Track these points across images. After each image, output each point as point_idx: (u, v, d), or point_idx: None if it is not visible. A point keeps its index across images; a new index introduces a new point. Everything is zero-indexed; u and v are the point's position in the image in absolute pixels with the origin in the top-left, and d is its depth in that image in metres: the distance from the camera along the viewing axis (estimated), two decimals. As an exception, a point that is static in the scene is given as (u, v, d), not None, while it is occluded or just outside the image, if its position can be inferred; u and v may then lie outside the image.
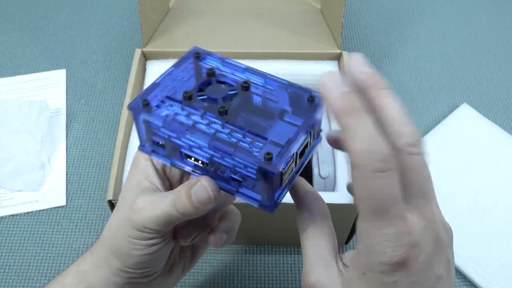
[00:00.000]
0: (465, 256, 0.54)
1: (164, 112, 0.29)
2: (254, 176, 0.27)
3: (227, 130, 0.28)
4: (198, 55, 0.32)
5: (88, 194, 0.61)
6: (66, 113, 0.69)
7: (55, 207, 0.60)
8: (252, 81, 0.31)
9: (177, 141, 0.29)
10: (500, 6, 0.84)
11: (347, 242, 0.55)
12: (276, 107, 0.30)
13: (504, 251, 0.55)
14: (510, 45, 0.78)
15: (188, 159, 0.29)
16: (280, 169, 0.26)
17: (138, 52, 0.59)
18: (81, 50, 0.77)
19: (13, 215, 0.59)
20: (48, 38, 0.79)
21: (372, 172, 0.22)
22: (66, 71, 0.74)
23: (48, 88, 0.72)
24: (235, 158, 0.27)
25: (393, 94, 0.24)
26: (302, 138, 0.28)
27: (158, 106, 0.29)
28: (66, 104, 0.70)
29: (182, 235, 0.34)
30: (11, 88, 0.72)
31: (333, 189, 0.51)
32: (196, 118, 0.29)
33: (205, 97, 0.30)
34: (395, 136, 0.24)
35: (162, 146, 0.30)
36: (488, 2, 0.84)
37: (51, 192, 0.61)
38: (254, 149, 0.27)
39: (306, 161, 0.31)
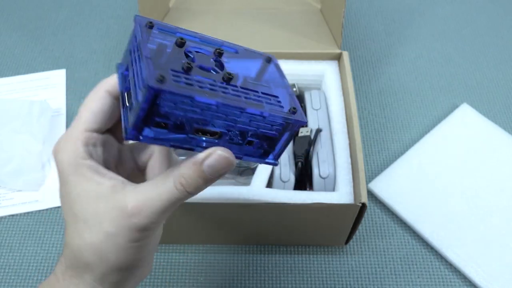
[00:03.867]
0: (465, 256, 0.54)
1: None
2: (276, 133, 0.29)
3: (245, 93, 0.28)
4: (151, 25, 0.30)
5: (88, 194, 0.61)
6: (66, 113, 0.69)
7: (55, 207, 0.60)
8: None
9: (202, 112, 0.27)
10: (500, 6, 0.84)
11: (347, 242, 0.55)
12: (250, 69, 0.32)
13: (504, 251, 0.55)
14: (510, 45, 0.78)
15: (198, 134, 0.28)
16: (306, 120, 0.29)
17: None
18: (81, 50, 0.77)
19: (13, 215, 0.59)
20: (48, 38, 0.79)
21: None
22: (66, 71, 0.74)
23: (48, 88, 0.72)
24: (267, 114, 0.28)
25: None
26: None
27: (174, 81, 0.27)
28: (66, 104, 0.70)
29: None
30: (11, 88, 0.72)
31: (333, 189, 0.51)
32: (211, 86, 0.28)
33: (199, 68, 0.30)
34: None
35: (164, 126, 0.27)
36: (488, 2, 0.84)
37: (51, 192, 0.61)
38: (277, 106, 0.29)
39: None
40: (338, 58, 0.61)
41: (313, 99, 0.59)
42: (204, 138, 0.28)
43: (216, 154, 0.28)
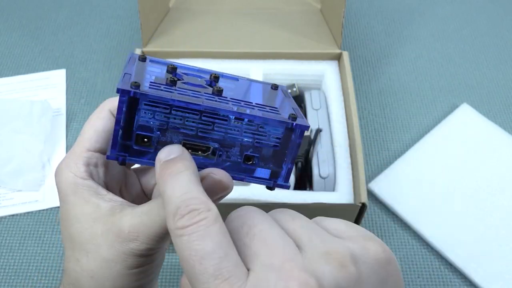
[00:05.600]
0: (465, 256, 0.54)
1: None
2: (277, 144, 0.25)
3: (236, 102, 0.25)
4: (143, 57, 0.29)
5: (88, 194, 0.61)
6: (66, 113, 0.69)
7: (55, 207, 0.60)
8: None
9: (182, 121, 0.24)
10: (500, 6, 0.84)
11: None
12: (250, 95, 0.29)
13: (504, 251, 0.55)
14: (510, 45, 0.78)
15: (188, 151, 0.25)
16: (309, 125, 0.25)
17: (138, 52, 0.59)
18: (81, 50, 0.77)
19: (13, 215, 0.59)
20: (48, 38, 0.79)
21: (176, 230, 0.21)
22: (66, 71, 0.74)
23: (48, 88, 0.72)
24: (257, 118, 0.24)
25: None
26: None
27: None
28: (66, 104, 0.70)
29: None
30: (11, 88, 0.72)
31: (333, 189, 0.51)
32: (195, 94, 0.25)
33: (186, 84, 0.27)
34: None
35: (147, 143, 0.25)
36: (488, 2, 0.84)
37: (51, 192, 0.61)
38: (274, 113, 0.25)
39: None
40: (338, 58, 0.61)
41: (313, 99, 0.59)
42: (194, 157, 0.25)
43: (210, 178, 0.24)
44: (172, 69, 0.28)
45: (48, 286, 0.54)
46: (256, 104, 0.26)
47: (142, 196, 0.32)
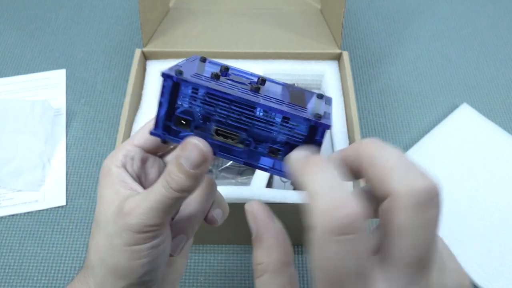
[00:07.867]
0: (465, 256, 0.54)
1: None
2: (301, 138, 0.26)
3: (267, 98, 0.27)
4: (204, 59, 0.33)
5: (88, 194, 0.61)
6: (66, 113, 0.69)
7: (55, 207, 0.60)
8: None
9: (214, 109, 0.27)
10: (500, 6, 0.84)
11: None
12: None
13: (504, 251, 0.55)
14: (510, 45, 0.78)
15: (216, 136, 0.27)
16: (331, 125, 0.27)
17: (138, 52, 0.59)
18: (81, 50, 0.77)
19: (13, 215, 0.59)
20: (48, 38, 0.79)
21: (328, 235, 0.18)
22: (66, 71, 0.74)
23: (48, 88, 0.72)
24: (288, 115, 0.26)
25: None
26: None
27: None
28: (66, 104, 0.70)
29: (172, 249, 0.31)
30: (11, 88, 0.72)
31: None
32: (231, 86, 0.27)
33: (230, 80, 0.30)
34: (391, 182, 0.19)
35: (185, 124, 0.27)
36: (488, 2, 0.84)
37: (51, 192, 0.61)
38: (299, 111, 0.26)
39: None
40: (338, 58, 0.61)
41: (313, 99, 0.59)
42: (219, 142, 0.27)
43: (188, 143, 0.26)
44: (225, 69, 0.31)
45: (48, 286, 0.54)
46: (288, 102, 0.28)
47: None
